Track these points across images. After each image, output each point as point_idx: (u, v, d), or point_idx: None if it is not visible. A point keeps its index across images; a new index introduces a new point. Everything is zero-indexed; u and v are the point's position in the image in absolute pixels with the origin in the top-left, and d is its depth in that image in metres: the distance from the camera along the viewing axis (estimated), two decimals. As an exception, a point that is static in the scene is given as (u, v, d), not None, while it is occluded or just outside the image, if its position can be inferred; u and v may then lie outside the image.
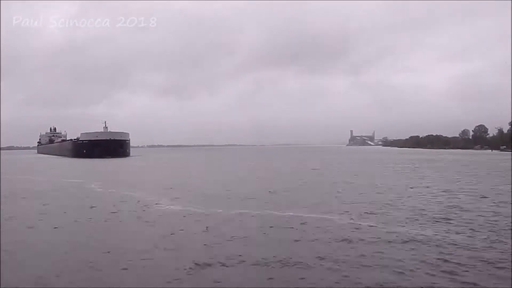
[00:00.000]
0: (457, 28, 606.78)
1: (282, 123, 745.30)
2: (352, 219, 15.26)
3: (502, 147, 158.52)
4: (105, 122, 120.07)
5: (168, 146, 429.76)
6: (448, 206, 18.56)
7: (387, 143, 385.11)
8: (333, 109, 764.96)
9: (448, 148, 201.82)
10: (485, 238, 12.10)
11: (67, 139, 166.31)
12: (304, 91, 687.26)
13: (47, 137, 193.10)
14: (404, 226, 14.09)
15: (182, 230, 13.64)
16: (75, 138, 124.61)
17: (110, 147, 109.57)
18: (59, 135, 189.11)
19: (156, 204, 19.91)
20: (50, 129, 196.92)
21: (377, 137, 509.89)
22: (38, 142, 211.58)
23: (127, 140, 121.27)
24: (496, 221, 14.81)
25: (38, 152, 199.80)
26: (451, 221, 14.83)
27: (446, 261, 9.88)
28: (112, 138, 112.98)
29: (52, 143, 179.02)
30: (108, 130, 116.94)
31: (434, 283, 8.44)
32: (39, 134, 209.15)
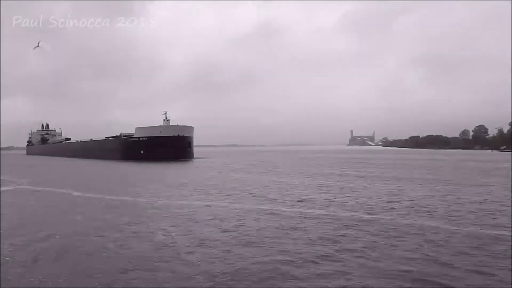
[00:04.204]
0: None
1: (280, 123, 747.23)
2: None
3: (502, 148, 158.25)
4: (165, 114, 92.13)
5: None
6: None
7: (387, 143, 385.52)
8: (333, 110, 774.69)
9: (448, 148, 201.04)
10: None
11: (65, 137, 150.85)
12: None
13: (38, 136, 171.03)
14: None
15: None
16: (119, 133, 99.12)
17: (178, 146, 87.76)
18: (53, 133, 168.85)
19: None
20: (42, 126, 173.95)
21: (377, 137, 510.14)
22: (28, 142, 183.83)
23: (193, 136, 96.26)
24: None
25: (29, 154, 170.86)
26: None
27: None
28: (180, 135, 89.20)
29: (46, 142, 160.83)
30: (170, 124, 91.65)
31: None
32: (29, 132, 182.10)
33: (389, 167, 55.63)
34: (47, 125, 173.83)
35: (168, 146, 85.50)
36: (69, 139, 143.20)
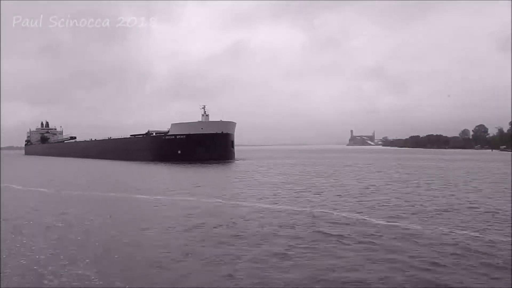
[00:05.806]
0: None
1: (281, 123, 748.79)
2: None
3: (502, 147, 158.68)
4: (204, 108, 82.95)
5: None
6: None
7: (387, 143, 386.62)
8: (333, 110, 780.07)
9: (447, 148, 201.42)
10: None
11: (70, 136, 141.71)
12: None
13: (38, 134, 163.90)
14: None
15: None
16: (147, 131, 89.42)
17: (221, 145, 79.45)
18: (53, 131, 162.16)
19: None
20: (42, 124, 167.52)
21: (377, 136, 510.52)
22: (26, 141, 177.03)
23: (234, 134, 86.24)
24: None
25: (27, 153, 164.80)
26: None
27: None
28: (224, 132, 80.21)
29: (47, 142, 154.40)
30: (210, 120, 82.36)
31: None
32: (28, 131, 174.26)
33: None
34: (47, 123, 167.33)
35: (208, 145, 77.08)
36: (74, 137, 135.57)
